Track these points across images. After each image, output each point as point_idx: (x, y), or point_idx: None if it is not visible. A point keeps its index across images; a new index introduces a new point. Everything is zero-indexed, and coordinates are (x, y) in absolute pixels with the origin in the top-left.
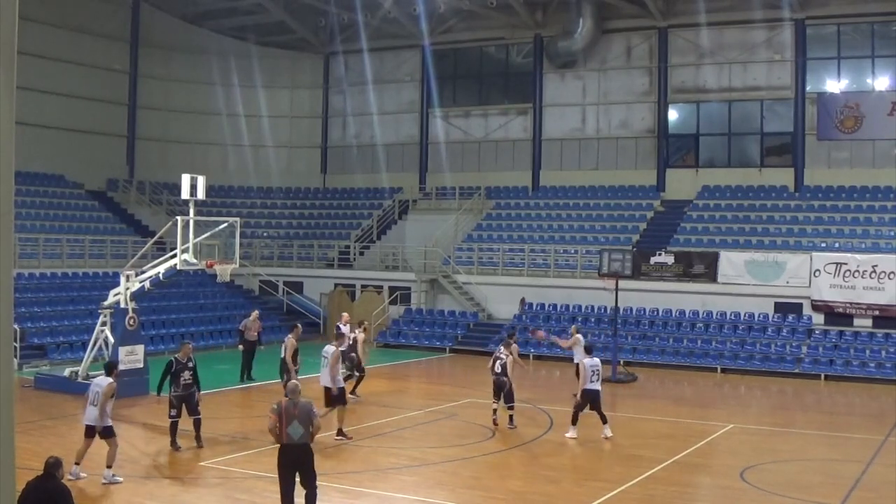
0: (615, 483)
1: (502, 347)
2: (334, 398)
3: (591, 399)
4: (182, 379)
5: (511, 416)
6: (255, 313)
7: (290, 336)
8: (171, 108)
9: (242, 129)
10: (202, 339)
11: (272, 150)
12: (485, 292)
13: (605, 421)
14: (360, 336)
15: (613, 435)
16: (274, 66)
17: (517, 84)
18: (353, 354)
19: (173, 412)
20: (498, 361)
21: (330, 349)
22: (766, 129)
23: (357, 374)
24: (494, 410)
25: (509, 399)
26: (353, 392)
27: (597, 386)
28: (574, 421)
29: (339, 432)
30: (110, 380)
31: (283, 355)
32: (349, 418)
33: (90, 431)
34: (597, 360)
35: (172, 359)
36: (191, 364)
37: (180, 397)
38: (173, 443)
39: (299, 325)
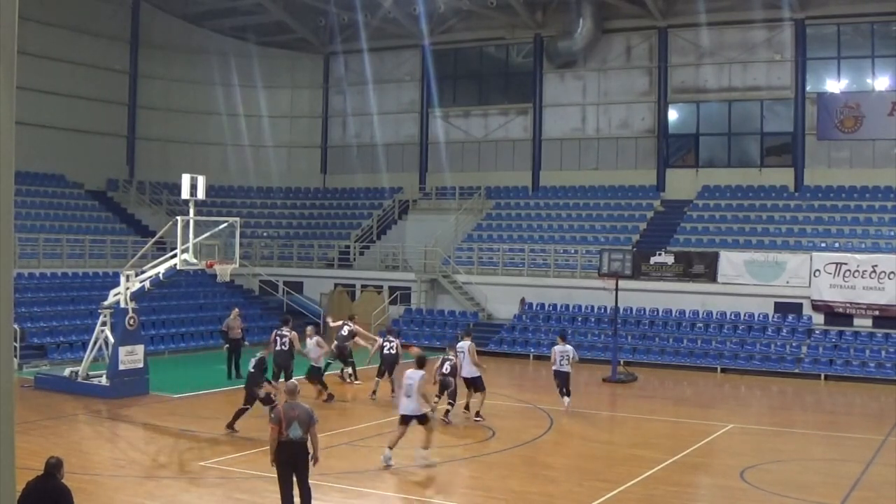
0: (615, 483)
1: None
2: (478, 385)
3: (559, 378)
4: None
5: (447, 412)
6: (236, 311)
7: (290, 331)
8: (171, 108)
9: (242, 129)
10: (202, 339)
11: (272, 150)
12: (485, 292)
13: (568, 395)
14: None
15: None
16: (274, 66)
17: (517, 84)
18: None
19: (248, 405)
20: (447, 363)
21: (465, 344)
22: (766, 129)
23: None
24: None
25: (452, 396)
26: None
27: (565, 368)
28: (562, 394)
29: (477, 414)
30: (423, 372)
31: (279, 348)
32: (347, 417)
33: (406, 420)
34: (565, 346)
35: (262, 355)
36: None
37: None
38: (232, 426)
39: (289, 320)
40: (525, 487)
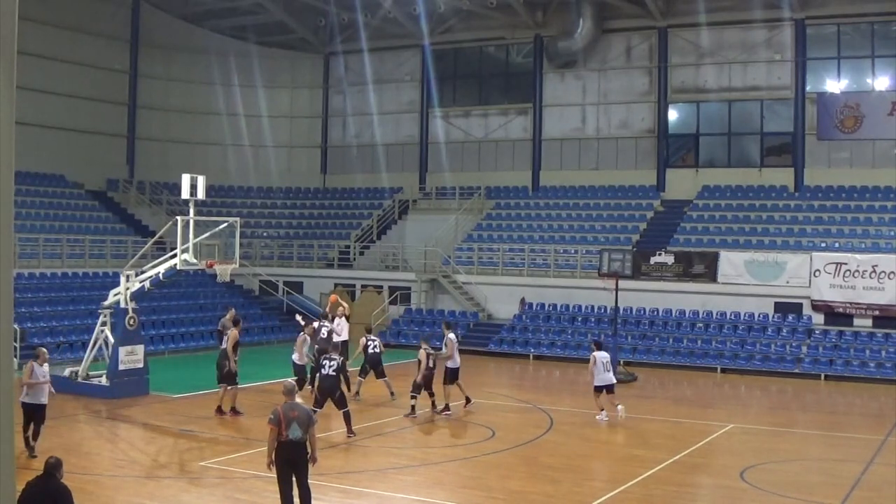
0: (615, 483)
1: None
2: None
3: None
4: None
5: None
6: (232, 311)
7: (233, 329)
8: (171, 108)
9: (242, 129)
10: (202, 339)
11: (272, 150)
12: (485, 292)
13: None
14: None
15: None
16: (274, 66)
17: (517, 84)
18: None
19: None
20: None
21: (451, 336)
22: (766, 129)
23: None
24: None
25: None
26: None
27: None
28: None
29: (467, 402)
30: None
31: (223, 346)
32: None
33: (606, 388)
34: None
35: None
36: None
37: None
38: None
39: (240, 321)
40: (525, 487)
